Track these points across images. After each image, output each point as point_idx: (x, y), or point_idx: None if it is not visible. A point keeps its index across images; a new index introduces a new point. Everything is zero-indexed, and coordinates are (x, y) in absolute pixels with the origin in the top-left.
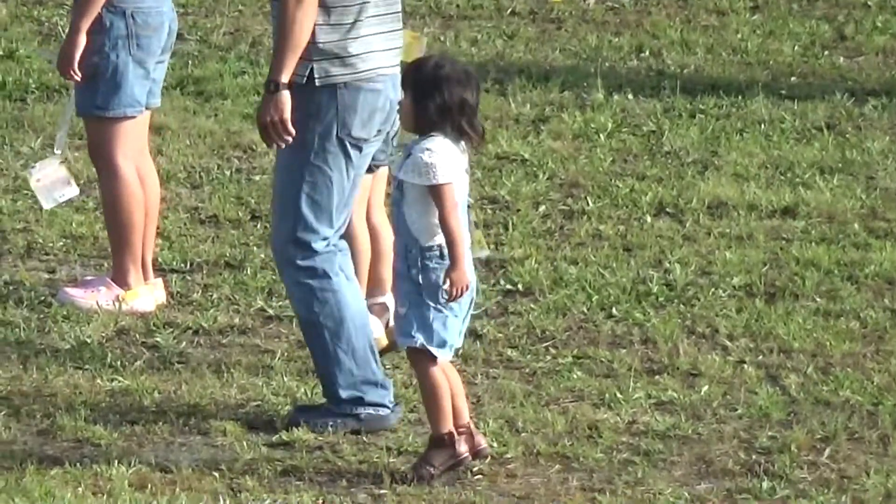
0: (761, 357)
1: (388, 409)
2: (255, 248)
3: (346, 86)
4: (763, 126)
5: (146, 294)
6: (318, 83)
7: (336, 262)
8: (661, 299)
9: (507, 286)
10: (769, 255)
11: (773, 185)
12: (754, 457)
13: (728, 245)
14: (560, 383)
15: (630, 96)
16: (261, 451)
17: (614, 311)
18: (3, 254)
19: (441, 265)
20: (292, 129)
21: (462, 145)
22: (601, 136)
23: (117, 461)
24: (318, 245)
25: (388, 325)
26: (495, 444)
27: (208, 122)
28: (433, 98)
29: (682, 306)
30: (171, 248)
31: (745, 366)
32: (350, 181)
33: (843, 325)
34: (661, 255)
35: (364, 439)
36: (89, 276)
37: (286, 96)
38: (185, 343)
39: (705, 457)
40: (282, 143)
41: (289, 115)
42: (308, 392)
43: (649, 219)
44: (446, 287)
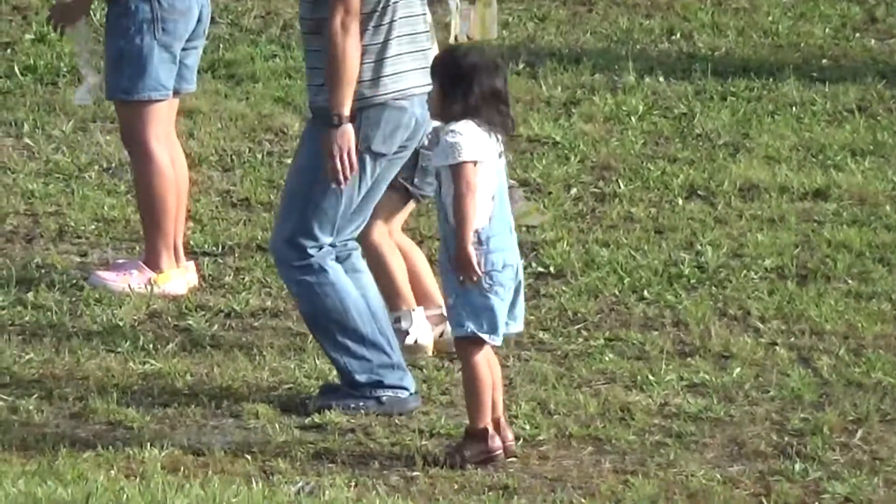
0: (793, 339)
1: (407, 392)
2: None
3: (372, 103)
4: (794, 108)
5: (178, 277)
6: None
7: (330, 255)
8: (692, 281)
9: (539, 269)
10: (801, 238)
11: (805, 168)
12: (786, 439)
13: (759, 227)
14: (592, 365)
15: (661, 79)
16: (293, 434)
17: (646, 293)
18: (36, 237)
19: (480, 251)
20: (356, 163)
21: (493, 131)
22: (632, 118)
23: (150, 444)
24: (312, 251)
25: (441, 335)
26: (528, 427)
27: (239, 106)
28: (461, 88)
29: (713, 288)
30: (203, 231)
31: (777, 348)
32: (360, 194)
33: (875, 306)
34: (692, 238)
35: (396, 422)
36: (121, 260)
37: (350, 129)
38: (216, 326)
39: (737, 439)
40: (348, 176)
41: (354, 147)
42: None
43: (681, 201)
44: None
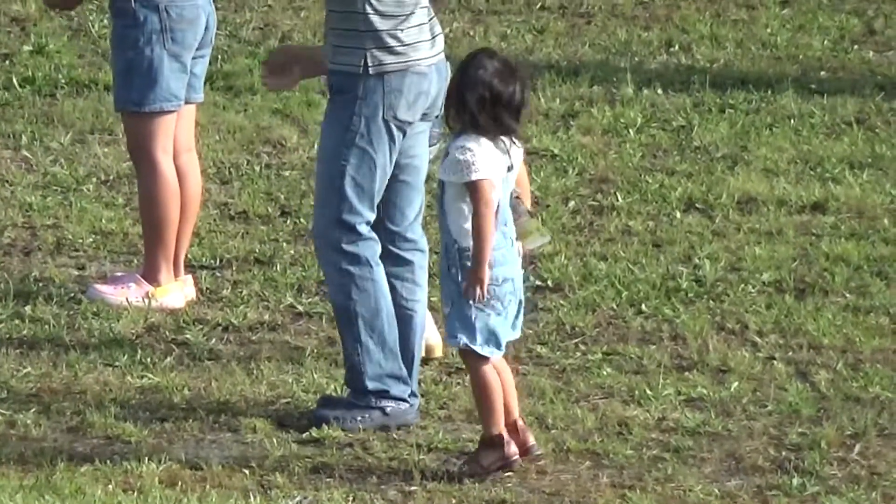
0: (791, 353)
1: (408, 405)
2: (284, 244)
3: (394, 70)
4: (793, 121)
5: (176, 290)
6: (371, 71)
7: (377, 252)
8: (690, 295)
9: (537, 282)
10: (799, 251)
11: (803, 181)
12: (784, 453)
13: (757, 241)
14: (590, 380)
15: (659, 91)
16: (291, 448)
17: (644, 307)
18: (33, 250)
19: None
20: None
21: (503, 142)
22: (630, 131)
23: (147, 458)
24: (363, 228)
25: None
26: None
27: (238, 118)
28: (470, 93)
29: (711, 302)
30: (200, 245)
31: (775, 362)
32: (391, 165)
33: (873, 320)
34: (690, 251)
35: (394, 436)
36: (119, 273)
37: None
38: (214, 339)
39: (735, 453)
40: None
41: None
42: (337, 389)
43: (679, 214)
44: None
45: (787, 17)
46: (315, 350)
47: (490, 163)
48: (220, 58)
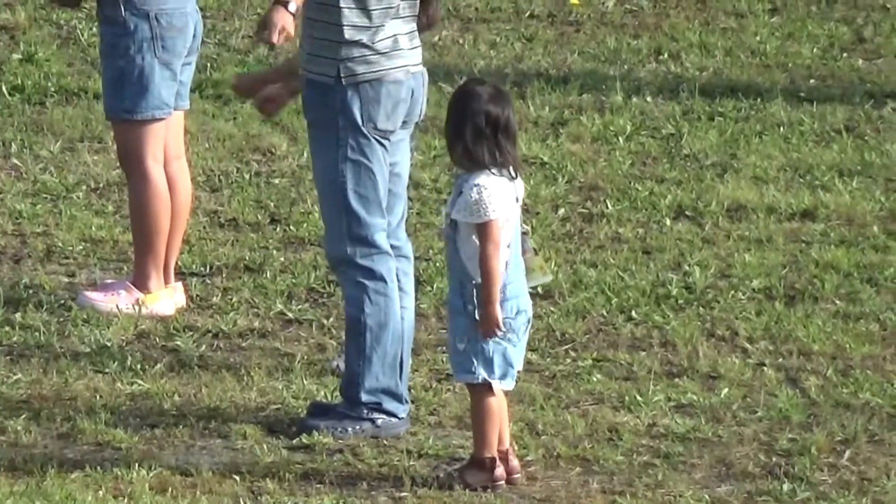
0: (781, 359)
1: (399, 419)
2: (274, 251)
3: (370, 81)
4: (782, 129)
5: (166, 297)
6: (344, 82)
7: (393, 268)
8: (680, 302)
9: (532, 285)
10: (788, 258)
11: (793, 188)
12: (774, 459)
13: (747, 248)
14: (580, 386)
15: (649, 99)
16: (281, 455)
17: (634, 313)
18: (23, 257)
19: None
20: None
21: (509, 174)
22: (620, 139)
23: (138, 465)
24: (378, 238)
25: None
26: (516, 447)
27: (227, 126)
28: (458, 124)
29: (701, 309)
30: (190, 252)
31: (765, 368)
32: (388, 169)
33: (863, 327)
34: (680, 258)
35: (384, 443)
36: (109, 280)
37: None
38: (204, 346)
39: (725, 459)
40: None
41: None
42: (327, 395)
43: (668, 222)
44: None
45: (776, 25)
46: (305, 357)
47: (502, 199)
48: (209, 66)
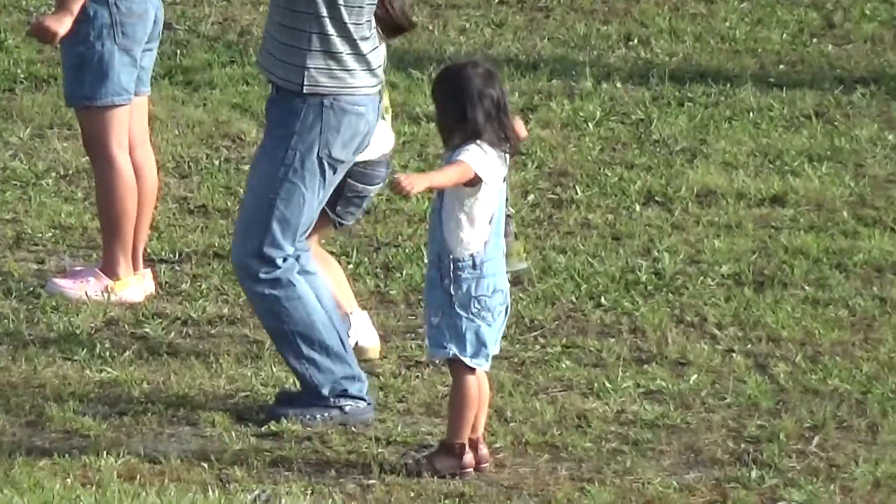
0: (750, 346)
1: (366, 403)
2: None
3: (332, 106)
4: (751, 114)
5: (135, 284)
6: (305, 90)
7: (295, 268)
8: (649, 288)
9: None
10: (758, 244)
11: (762, 174)
12: (743, 446)
13: (717, 233)
14: (549, 373)
15: (618, 85)
16: (250, 442)
17: (603, 300)
18: None
19: (473, 275)
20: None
21: (501, 153)
22: (590, 124)
23: (106, 452)
24: (280, 262)
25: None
26: (486, 435)
27: (197, 112)
28: (456, 105)
29: (670, 295)
30: (159, 239)
31: (734, 354)
32: (319, 201)
33: (832, 313)
34: (649, 244)
35: (352, 429)
36: (78, 267)
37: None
38: (173, 333)
39: (694, 446)
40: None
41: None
42: (296, 382)
43: (638, 207)
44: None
45: (745, 10)
46: (274, 344)
47: (485, 166)
48: (178, 52)
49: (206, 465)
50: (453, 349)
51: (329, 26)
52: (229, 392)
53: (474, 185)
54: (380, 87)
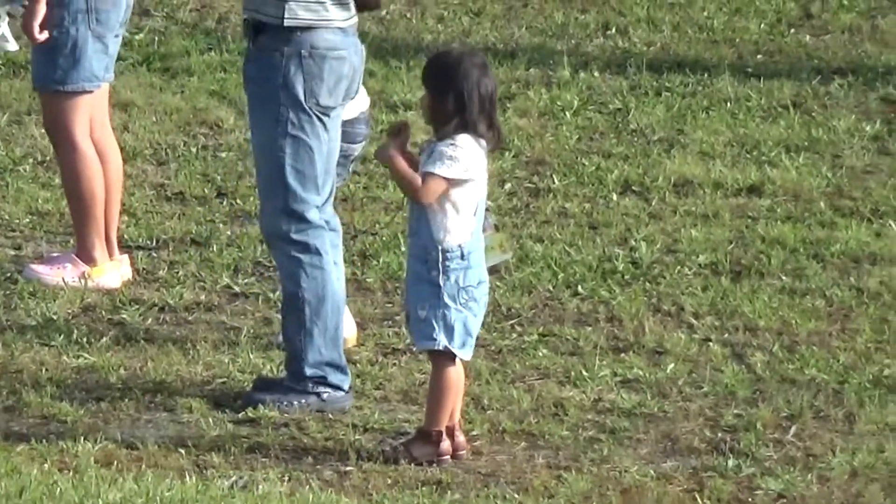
0: (727, 335)
1: (344, 392)
2: (220, 224)
3: (312, 55)
4: (729, 104)
5: (112, 270)
6: (286, 23)
7: (327, 240)
8: (626, 277)
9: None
10: (735, 234)
11: (739, 164)
12: (720, 435)
13: (694, 223)
14: (525, 361)
15: (596, 74)
16: (227, 428)
17: (580, 288)
18: None
19: (461, 266)
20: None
21: (483, 143)
22: (567, 113)
23: (83, 438)
24: (312, 214)
25: None
26: (462, 423)
27: (174, 99)
28: (451, 92)
29: (647, 284)
30: (137, 225)
31: (711, 344)
32: (326, 147)
33: (809, 303)
34: (626, 233)
35: (330, 416)
36: (55, 253)
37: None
38: (150, 320)
39: (671, 434)
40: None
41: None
42: (273, 369)
43: (615, 197)
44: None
45: (723, 0)
46: (251, 330)
47: (473, 165)
48: (156, 39)
49: (183, 451)
50: (443, 341)
51: None
52: (206, 378)
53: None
54: (354, 21)
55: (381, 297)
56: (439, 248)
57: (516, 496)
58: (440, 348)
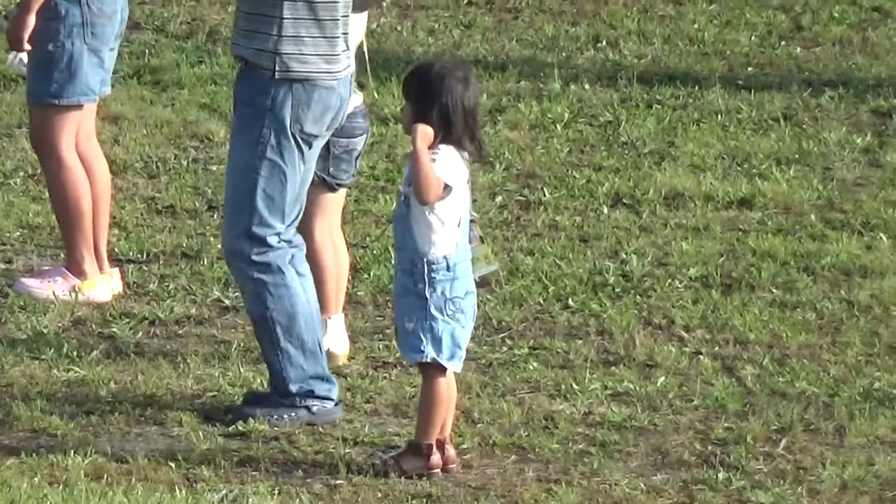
0: (717, 348)
1: (333, 403)
2: (211, 238)
3: (302, 82)
4: (720, 117)
5: (103, 284)
6: (278, 76)
7: (288, 257)
8: (617, 290)
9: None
10: (726, 247)
11: (730, 176)
12: (710, 448)
13: (684, 236)
14: (516, 374)
15: (587, 86)
16: (217, 442)
17: (570, 302)
18: None
19: (448, 277)
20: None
21: (465, 155)
22: (558, 126)
23: (73, 451)
24: (272, 240)
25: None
26: (453, 436)
27: (165, 112)
28: (437, 109)
29: (638, 297)
30: (127, 239)
31: (702, 357)
32: (300, 176)
33: (800, 316)
34: (617, 246)
35: (320, 430)
36: (46, 266)
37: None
38: (141, 333)
39: (661, 448)
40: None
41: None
42: (263, 383)
43: (606, 210)
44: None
45: (714, 12)
46: (241, 343)
47: (453, 171)
48: (147, 52)
49: (173, 465)
50: (431, 353)
51: (299, 10)
52: (197, 392)
53: (444, 190)
54: (351, 67)
55: (372, 310)
56: (425, 259)
57: None
58: (428, 360)
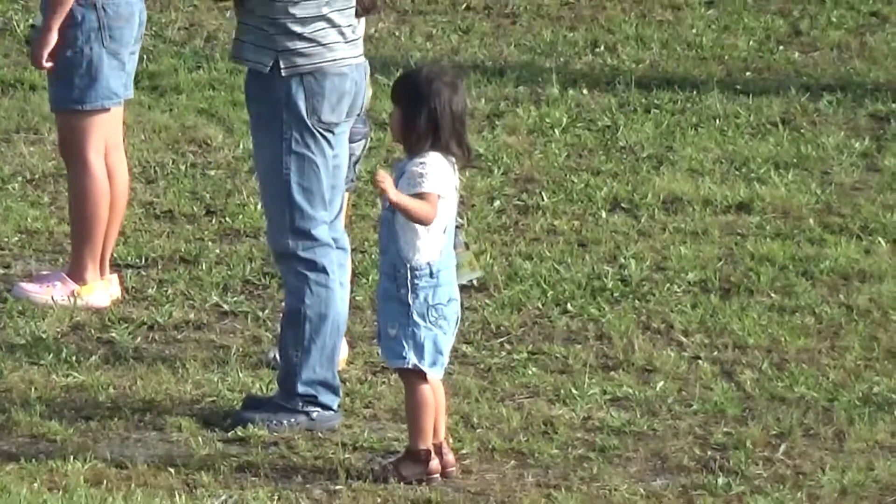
0: (716, 353)
1: (334, 412)
2: (210, 243)
3: (312, 73)
4: (718, 121)
5: (101, 289)
6: (283, 73)
7: (334, 259)
8: (615, 295)
9: (462, 282)
10: (724, 251)
11: (728, 181)
12: (710, 453)
13: (683, 240)
14: (515, 379)
15: (585, 91)
16: (216, 447)
17: (569, 306)
18: None
19: (430, 284)
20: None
21: (452, 161)
22: (556, 131)
23: (73, 457)
24: (319, 231)
25: None
26: (451, 440)
27: (163, 117)
28: (424, 115)
29: (636, 302)
30: (126, 244)
31: (700, 362)
32: (331, 162)
33: (798, 320)
34: (616, 251)
35: (319, 435)
36: (45, 271)
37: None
38: (140, 338)
39: (660, 453)
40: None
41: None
42: (262, 388)
43: (604, 214)
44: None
45: (712, 17)
46: (240, 349)
47: (444, 179)
48: (145, 58)
49: (172, 470)
50: (413, 359)
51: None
52: (196, 397)
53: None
54: (362, 55)
55: (371, 315)
56: (408, 265)
57: None
58: (409, 366)
